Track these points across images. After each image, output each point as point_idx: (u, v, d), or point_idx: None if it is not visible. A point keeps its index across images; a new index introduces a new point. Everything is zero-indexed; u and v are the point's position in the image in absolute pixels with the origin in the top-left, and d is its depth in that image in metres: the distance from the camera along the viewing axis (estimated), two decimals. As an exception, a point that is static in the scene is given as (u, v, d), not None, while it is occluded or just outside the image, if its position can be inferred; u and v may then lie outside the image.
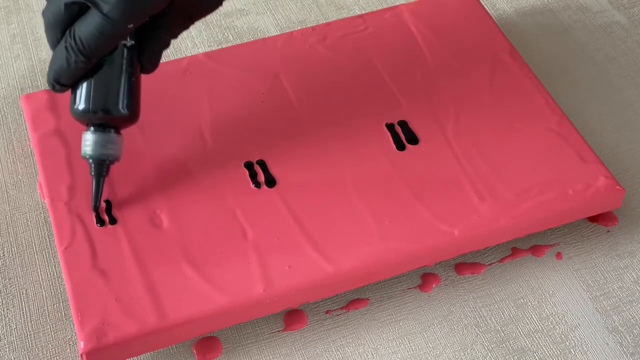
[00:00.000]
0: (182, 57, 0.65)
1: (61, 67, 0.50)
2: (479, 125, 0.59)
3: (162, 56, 0.66)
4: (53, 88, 0.52)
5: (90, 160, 0.53)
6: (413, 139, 0.58)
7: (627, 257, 0.57)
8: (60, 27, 0.50)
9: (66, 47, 0.49)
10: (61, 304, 0.54)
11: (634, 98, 0.66)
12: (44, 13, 0.50)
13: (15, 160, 0.61)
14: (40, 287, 0.55)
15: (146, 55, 0.52)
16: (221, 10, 0.71)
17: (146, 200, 0.55)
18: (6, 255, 0.56)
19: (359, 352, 0.52)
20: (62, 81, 0.51)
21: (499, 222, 0.54)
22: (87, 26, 0.48)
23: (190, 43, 0.69)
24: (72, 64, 0.50)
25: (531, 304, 0.55)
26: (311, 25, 0.69)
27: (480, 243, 0.55)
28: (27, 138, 0.62)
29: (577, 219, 0.57)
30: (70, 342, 0.52)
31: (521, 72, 0.63)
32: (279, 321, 0.54)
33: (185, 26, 0.53)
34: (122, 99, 0.52)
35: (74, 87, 0.52)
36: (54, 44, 0.51)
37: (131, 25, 0.49)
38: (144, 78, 0.53)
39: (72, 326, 0.53)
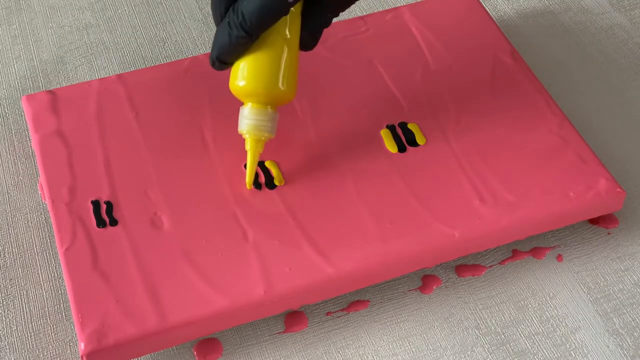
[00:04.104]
0: (183, 58, 0.65)
1: (223, 43, 0.52)
2: (480, 126, 0.59)
3: (163, 57, 0.66)
4: (213, 65, 0.53)
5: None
6: (414, 141, 0.58)
7: (628, 260, 0.57)
8: (225, 3, 0.51)
9: (228, 23, 0.51)
10: (62, 305, 0.54)
11: (635, 100, 0.66)
12: None
13: (16, 161, 0.61)
14: (41, 288, 0.55)
15: (307, 32, 0.54)
16: (222, 11, 0.71)
17: (147, 202, 0.55)
18: (7, 256, 0.56)
19: (359, 354, 0.52)
20: (223, 58, 0.53)
21: (499, 224, 0.54)
22: (249, 2, 0.50)
23: (191, 44, 0.69)
24: (233, 39, 0.51)
25: (532, 306, 0.55)
26: (312, 26, 0.69)
27: (480, 245, 0.55)
28: (28, 139, 0.62)
29: (577, 221, 0.57)
30: (71, 343, 0.52)
31: (522, 74, 0.63)
32: (280, 323, 0.54)
33: (348, 4, 0.54)
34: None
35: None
36: (217, 21, 0.52)
37: (292, 1, 0.50)
38: (142, 79, 0.53)
39: (72, 327, 0.53)
